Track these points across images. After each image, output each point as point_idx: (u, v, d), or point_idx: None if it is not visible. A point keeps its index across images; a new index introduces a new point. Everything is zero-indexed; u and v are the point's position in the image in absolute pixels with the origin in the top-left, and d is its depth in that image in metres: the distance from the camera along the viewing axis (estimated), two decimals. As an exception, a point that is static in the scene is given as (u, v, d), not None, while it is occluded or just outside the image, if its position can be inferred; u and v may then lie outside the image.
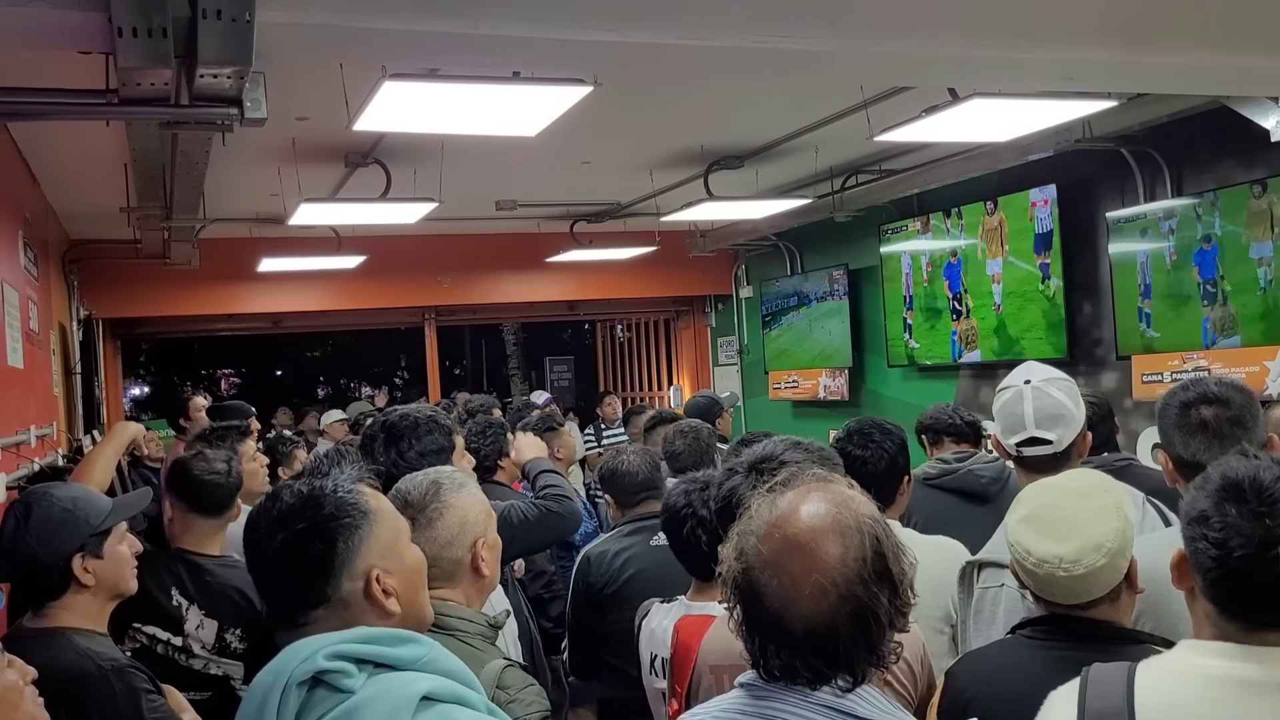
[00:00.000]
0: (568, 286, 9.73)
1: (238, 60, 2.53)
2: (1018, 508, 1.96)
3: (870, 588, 1.42)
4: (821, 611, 1.41)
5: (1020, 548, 1.89)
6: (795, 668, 1.43)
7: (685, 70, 3.65)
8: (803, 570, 1.43)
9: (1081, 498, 1.90)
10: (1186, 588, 1.55)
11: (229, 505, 3.10)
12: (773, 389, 9.35)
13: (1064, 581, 1.84)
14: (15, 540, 2.31)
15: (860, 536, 1.45)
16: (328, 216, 6.69)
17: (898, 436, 2.96)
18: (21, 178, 5.47)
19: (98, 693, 2.18)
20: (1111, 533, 1.83)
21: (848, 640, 1.41)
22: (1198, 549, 1.48)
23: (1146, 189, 5.77)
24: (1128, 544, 1.86)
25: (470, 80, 3.42)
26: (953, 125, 4.58)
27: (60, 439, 5.67)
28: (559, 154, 6.04)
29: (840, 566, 1.42)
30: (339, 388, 24.44)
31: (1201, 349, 5.39)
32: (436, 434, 2.73)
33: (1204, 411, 2.27)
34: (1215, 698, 1.45)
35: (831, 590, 1.41)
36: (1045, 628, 1.93)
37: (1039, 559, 1.85)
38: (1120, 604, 1.90)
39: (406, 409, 2.86)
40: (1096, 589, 1.85)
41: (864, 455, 2.85)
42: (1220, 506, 1.46)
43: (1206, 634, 1.51)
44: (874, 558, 1.44)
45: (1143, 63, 3.65)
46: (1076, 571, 1.82)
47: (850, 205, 7.23)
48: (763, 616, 1.45)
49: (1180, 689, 1.49)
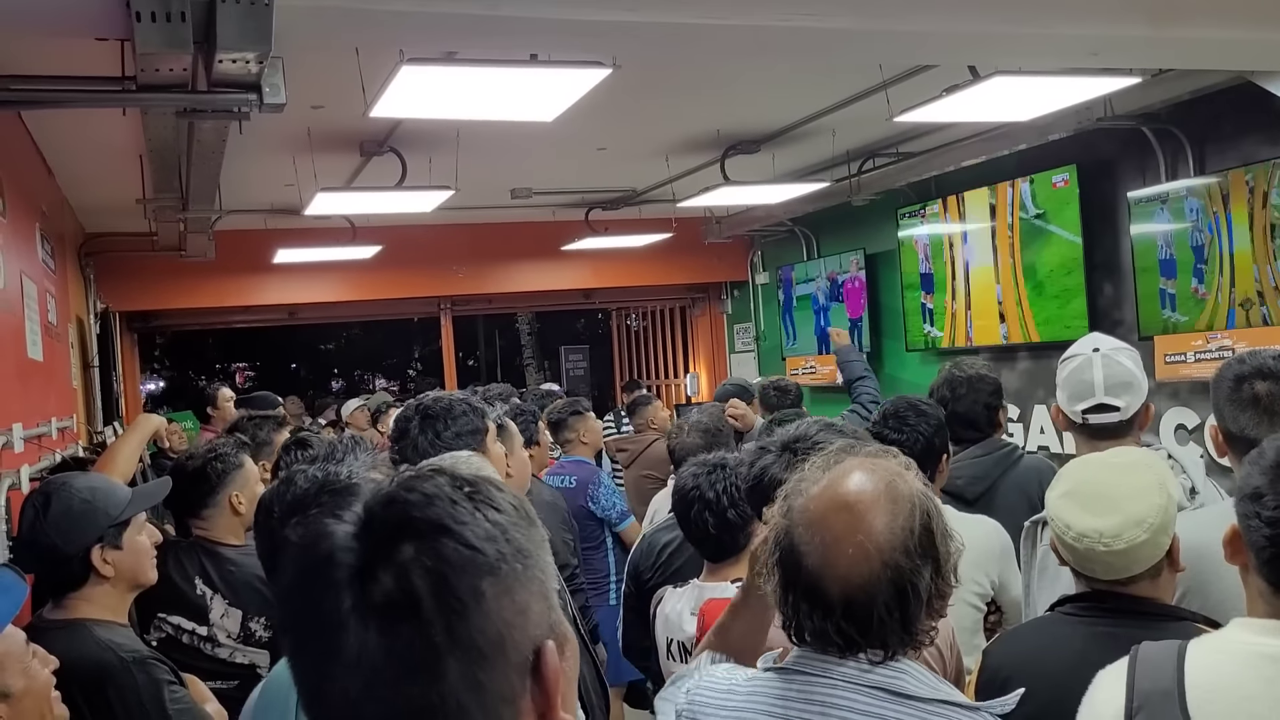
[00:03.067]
0: (583, 275, 9.71)
1: (257, 44, 2.51)
2: (1059, 483, 1.93)
3: (914, 560, 1.40)
4: (861, 575, 1.39)
5: (1061, 522, 1.87)
6: (826, 632, 1.41)
7: (704, 50, 3.62)
8: (847, 530, 1.40)
9: (1124, 473, 1.87)
10: (1240, 564, 1.52)
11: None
12: (790, 374, 9.31)
13: (1104, 557, 1.82)
14: (34, 531, 2.30)
15: (911, 508, 1.43)
16: (343, 206, 6.68)
17: (933, 417, 2.95)
18: (38, 171, 5.47)
19: (119, 684, 2.18)
20: (1154, 509, 1.80)
21: (883, 610, 1.39)
22: (1251, 527, 1.46)
23: (1168, 168, 5.70)
24: (1170, 521, 1.83)
25: (488, 64, 3.39)
26: (974, 105, 4.53)
27: (81, 431, 5.68)
28: (575, 140, 6.02)
29: (886, 533, 1.40)
30: (353, 380, 24.52)
31: (1226, 329, 5.33)
32: (471, 415, 2.73)
33: (1258, 386, 2.24)
34: (1269, 676, 1.43)
35: (875, 555, 1.39)
36: (1085, 604, 1.91)
37: (1079, 533, 1.83)
38: (1161, 581, 1.87)
39: (439, 393, 2.87)
40: (1137, 565, 1.82)
41: (899, 439, 2.83)
42: (1275, 484, 1.43)
43: (1260, 611, 1.49)
44: (922, 532, 1.42)
45: (1168, 37, 3.60)
46: (1117, 547, 1.80)
47: (867, 189, 7.18)
48: (800, 576, 1.43)
49: (1232, 668, 1.47)
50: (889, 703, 1.38)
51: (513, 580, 0.82)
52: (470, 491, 0.84)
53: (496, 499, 0.85)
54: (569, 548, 4.17)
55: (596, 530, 4.83)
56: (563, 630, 0.87)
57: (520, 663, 0.82)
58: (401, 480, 0.85)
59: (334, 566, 0.80)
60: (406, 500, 0.82)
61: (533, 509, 0.89)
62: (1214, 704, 1.44)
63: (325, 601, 0.79)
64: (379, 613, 0.78)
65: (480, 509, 0.83)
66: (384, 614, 0.78)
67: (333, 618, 0.79)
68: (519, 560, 0.83)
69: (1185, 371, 5.47)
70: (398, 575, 0.78)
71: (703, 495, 2.64)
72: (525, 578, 0.83)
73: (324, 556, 0.81)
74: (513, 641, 0.81)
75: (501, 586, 0.81)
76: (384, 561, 0.79)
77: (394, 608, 0.78)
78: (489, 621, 0.80)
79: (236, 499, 3.11)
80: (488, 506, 0.83)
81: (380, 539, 0.80)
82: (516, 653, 0.82)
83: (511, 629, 0.81)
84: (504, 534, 0.83)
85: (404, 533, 0.80)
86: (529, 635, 0.83)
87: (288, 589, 0.85)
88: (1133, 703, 1.50)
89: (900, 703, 1.38)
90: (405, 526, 0.80)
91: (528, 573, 0.83)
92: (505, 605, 0.81)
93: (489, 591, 0.80)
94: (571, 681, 0.88)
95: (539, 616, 0.84)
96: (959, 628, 2.42)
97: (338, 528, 0.82)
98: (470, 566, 0.80)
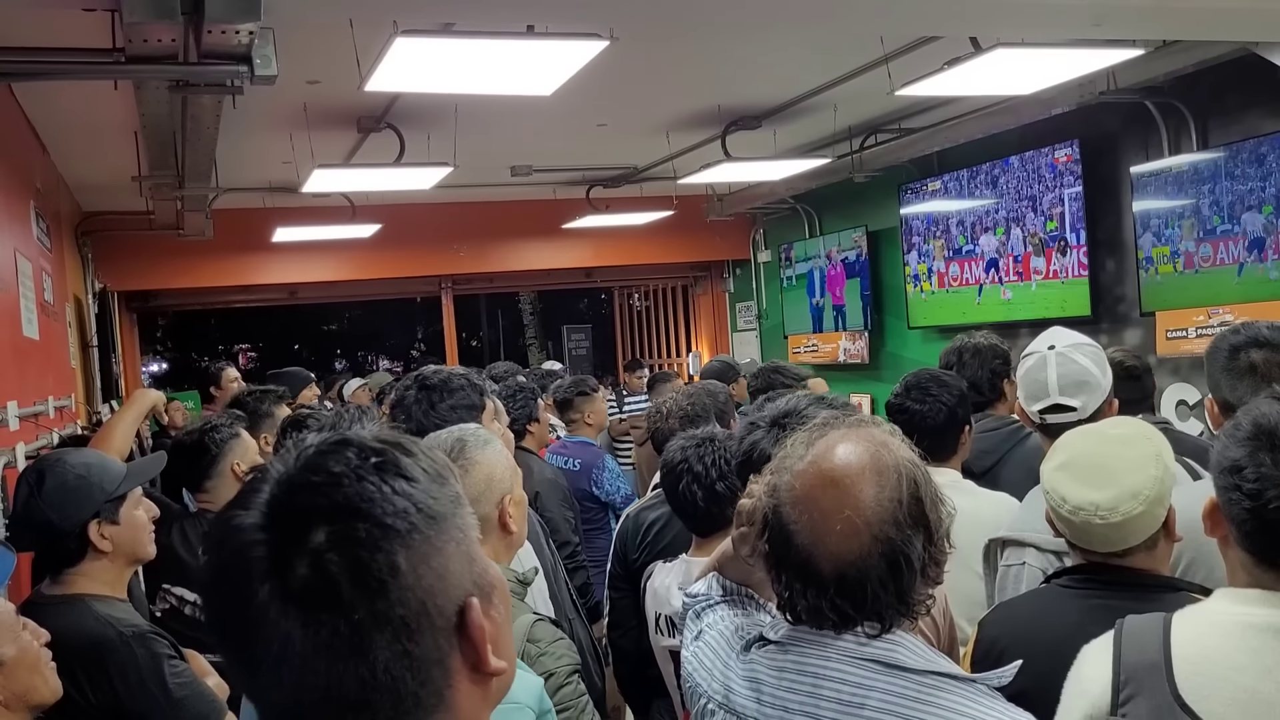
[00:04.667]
0: (584, 253, 9.68)
1: (247, 15, 2.48)
2: (1054, 455, 1.91)
3: (904, 530, 1.37)
4: (852, 551, 1.36)
5: (1056, 495, 1.84)
6: (821, 609, 1.39)
7: (702, 20, 3.58)
8: (834, 506, 1.37)
9: (1121, 445, 1.85)
10: (1219, 536, 1.50)
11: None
12: (792, 353, 9.28)
13: (1100, 529, 1.80)
14: (29, 508, 2.29)
15: (898, 477, 1.39)
16: (341, 183, 6.64)
17: (955, 388, 2.92)
18: (32, 148, 5.43)
19: (118, 659, 2.17)
20: (1149, 480, 1.78)
21: (877, 584, 1.36)
22: (1231, 499, 1.44)
23: (1171, 142, 5.66)
24: (1166, 492, 1.81)
25: (484, 35, 3.36)
26: (976, 78, 4.49)
27: (79, 411, 5.67)
28: (574, 116, 5.98)
29: (875, 506, 1.37)
30: (356, 360, 24.53)
31: (1227, 304, 5.29)
32: (469, 391, 2.72)
33: (1254, 355, 2.22)
34: (1254, 647, 1.41)
35: (864, 530, 1.36)
36: (1081, 576, 1.88)
37: (1075, 506, 1.81)
38: (1157, 552, 1.85)
39: (439, 368, 2.86)
40: (1133, 537, 1.80)
41: (922, 410, 2.84)
42: (1254, 456, 1.41)
43: (1241, 581, 1.48)
44: (910, 501, 1.38)
45: (1171, 7, 3.57)
46: (1113, 519, 1.78)
47: (869, 165, 7.14)
48: (791, 555, 1.40)
49: (1219, 639, 1.45)
50: (881, 674, 1.36)
51: (427, 548, 0.81)
52: (378, 463, 0.82)
53: (405, 465, 0.83)
54: (570, 525, 4.15)
55: (599, 513, 4.80)
56: (488, 579, 0.87)
57: (445, 624, 0.82)
58: (306, 460, 0.83)
59: (247, 560, 0.79)
60: (312, 484, 0.81)
61: (445, 464, 0.88)
62: (1202, 675, 1.43)
63: (243, 595, 0.79)
64: (298, 603, 0.77)
65: (388, 480, 0.81)
66: (303, 603, 0.77)
67: (252, 611, 0.78)
68: (432, 527, 0.82)
69: (1186, 347, 5.44)
70: (312, 563, 0.77)
71: (691, 468, 2.63)
72: (440, 542, 0.82)
73: (235, 550, 0.80)
74: (435, 606, 0.81)
75: (418, 556, 0.80)
76: (296, 550, 0.78)
77: (313, 596, 0.77)
78: (409, 593, 0.80)
79: (238, 467, 3.13)
80: (396, 476, 0.82)
81: (289, 527, 0.79)
82: (441, 616, 0.82)
83: (433, 595, 0.81)
84: (414, 504, 0.81)
85: (313, 518, 0.79)
86: (451, 597, 0.82)
87: (205, 586, 0.84)
88: (1119, 676, 1.48)
89: (894, 674, 1.36)
90: (313, 512, 0.79)
91: (442, 536, 0.83)
92: (424, 574, 0.81)
93: (404, 565, 0.79)
94: (504, 626, 0.88)
95: (459, 576, 0.83)
96: (965, 599, 2.40)
97: (245, 519, 0.80)
98: (384, 543, 0.79)
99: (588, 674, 2.48)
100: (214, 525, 0.84)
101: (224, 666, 2.53)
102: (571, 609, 2.91)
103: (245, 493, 0.83)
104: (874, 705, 1.34)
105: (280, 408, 4.13)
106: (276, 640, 0.78)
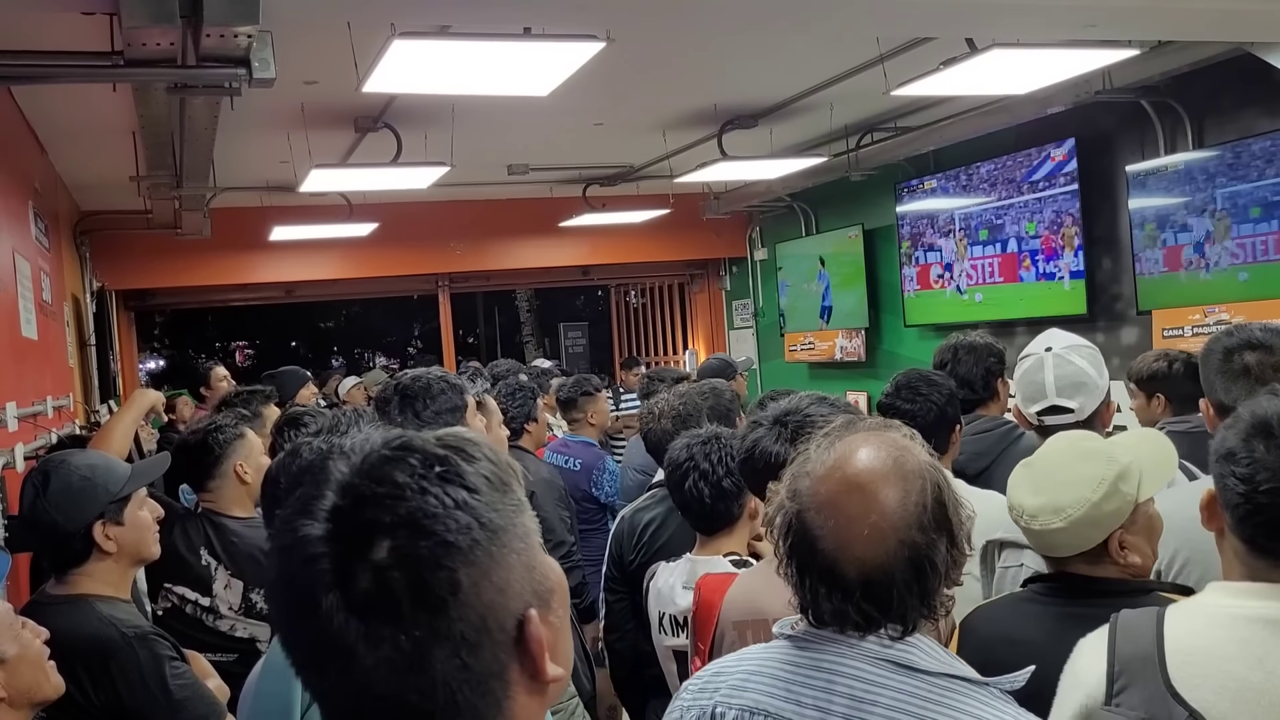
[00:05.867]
0: (581, 251, 9.69)
1: (245, 18, 2.49)
2: (1034, 454, 1.95)
3: (929, 535, 1.39)
4: (878, 555, 1.38)
5: (1011, 492, 1.90)
6: (846, 613, 1.40)
7: (698, 21, 3.59)
8: (860, 512, 1.39)
9: (1079, 459, 1.86)
10: (1216, 528, 1.55)
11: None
12: (789, 351, 9.30)
13: (1035, 533, 1.86)
14: (35, 510, 2.31)
15: (921, 482, 1.41)
16: (339, 182, 6.65)
17: (945, 387, 2.91)
18: (30, 147, 5.44)
19: (121, 659, 2.19)
20: (1077, 501, 1.80)
21: (902, 587, 1.38)
22: (1226, 485, 1.49)
23: (1167, 141, 5.67)
24: (1103, 516, 1.81)
25: (481, 37, 3.37)
26: (971, 78, 4.50)
27: (77, 410, 5.68)
28: (571, 116, 5.98)
29: (900, 511, 1.39)
30: (353, 358, 24.52)
31: (1223, 303, 5.31)
32: (450, 394, 2.71)
33: (1247, 357, 2.24)
34: (1244, 638, 1.46)
35: (890, 534, 1.38)
36: (1045, 584, 1.93)
37: (1013, 504, 1.88)
38: (1104, 566, 1.85)
39: (416, 372, 2.85)
40: (1062, 549, 1.85)
41: (912, 409, 2.81)
42: (1248, 443, 1.47)
43: (1236, 574, 1.52)
44: (934, 505, 1.41)
45: (1166, 8, 3.58)
46: (1035, 527, 1.84)
47: (866, 164, 7.14)
48: (815, 559, 1.41)
49: (1210, 631, 1.49)
50: (896, 674, 1.37)
51: (489, 563, 0.81)
52: (441, 472, 0.82)
53: (467, 475, 0.83)
54: (565, 525, 4.13)
55: (598, 513, 4.80)
56: (547, 585, 0.87)
57: (505, 638, 0.82)
58: (370, 465, 0.83)
59: (312, 571, 0.80)
60: (376, 496, 0.81)
61: (507, 466, 0.88)
62: (1194, 666, 1.46)
63: (308, 604, 0.80)
64: (360, 615, 0.78)
65: (450, 491, 0.82)
66: (365, 616, 0.78)
67: (318, 620, 0.79)
68: (494, 541, 0.82)
69: (1183, 345, 5.44)
70: (375, 577, 0.78)
71: (698, 465, 2.63)
72: (501, 556, 0.82)
73: (302, 560, 0.81)
74: (495, 621, 0.82)
75: (479, 572, 0.81)
76: (360, 564, 0.79)
77: (374, 610, 0.78)
78: (469, 610, 0.80)
79: (241, 468, 3.14)
80: (459, 486, 0.82)
81: (353, 540, 0.80)
82: (501, 630, 0.82)
83: (493, 610, 0.81)
84: (476, 518, 0.81)
85: (376, 531, 0.79)
86: (510, 611, 0.83)
87: (271, 591, 0.86)
88: (1114, 668, 1.52)
89: (908, 674, 1.37)
90: (377, 525, 0.80)
91: (503, 550, 0.83)
92: (484, 589, 0.81)
93: (465, 581, 0.80)
94: (561, 629, 0.88)
95: (519, 588, 0.84)
96: (962, 598, 2.41)
97: (310, 529, 0.81)
98: (445, 561, 0.79)
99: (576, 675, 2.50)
100: (280, 531, 0.84)
101: (227, 668, 2.56)
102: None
103: (310, 497, 0.83)
104: (885, 703, 1.36)
105: (268, 408, 4.12)
106: (340, 649, 0.79)
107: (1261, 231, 5.12)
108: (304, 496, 0.84)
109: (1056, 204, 6.35)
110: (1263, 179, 5.09)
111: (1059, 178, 6.31)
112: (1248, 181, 5.17)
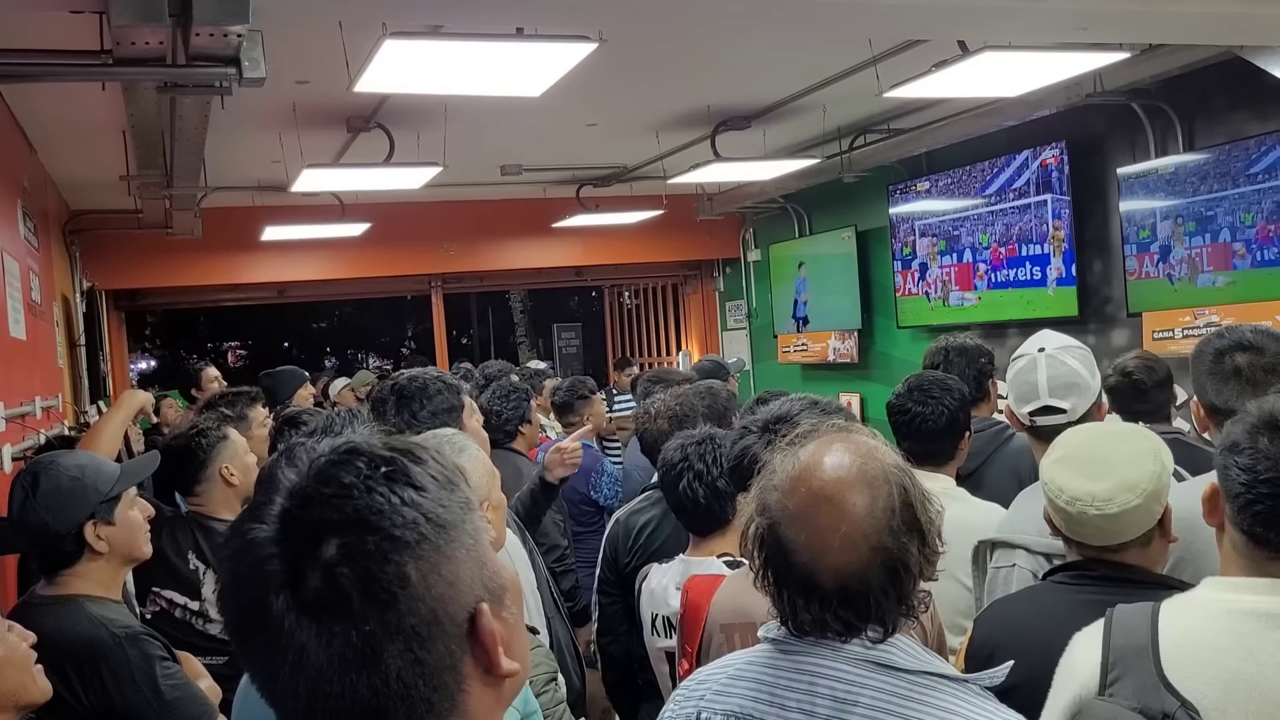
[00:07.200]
0: (574, 252, 9.68)
1: (235, 18, 2.48)
2: (1054, 450, 1.94)
3: (900, 538, 1.40)
4: (852, 564, 1.39)
5: (1054, 486, 1.87)
6: (826, 621, 1.41)
7: (691, 22, 3.59)
8: (831, 523, 1.40)
9: (1119, 440, 1.89)
10: (1216, 522, 1.57)
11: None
12: (782, 352, 9.31)
13: (1096, 521, 1.82)
14: (25, 511, 2.29)
15: (888, 486, 1.42)
16: (331, 182, 6.63)
17: (958, 392, 2.90)
18: (18, 146, 5.42)
19: (111, 660, 2.18)
20: (1147, 475, 1.81)
21: (879, 592, 1.39)
22: (1229, 475, 1.51)
23: (1158, 143, 5.69)
24: (1164, 489, 1.83)
25: (473, 38, 3.36)
26: (963, 80, 4.51)
27: (66, 411, 5.66)
28: (564, 116, 5.98)
29: (869, 518, 1.40)
30: (346, 359, 24.47)
31: (1214, 304, 5.32)
32: (446, 394, 2.72)
33: (1238, 358, 2.25)
34: (1237, 630, 1.48)
35: (862, 542, 1.39)
36: (1074, 572, 1.91)
37: (1072, 496, 1.83)
38: (1151, 550, 1.87)
39: (413, 372, 2.84)
40: (1128, 531, 1.83)
41: (924, 412, 2.80)
42: (1253, 436, 1.49)
43: (1233, 569, 1.54)
44: (902, 507, 1.42)
45: (1157, 11, 3.59)
46: (1109, 510, 1.80)
47: (858, 165, 7.15)
48: (791, 571, 1.43)
49: (1204, 623, 1.51)
50: (876, 674, 1.39)
51: (437, 557, 0.82)
52: (388, 472, 0.84)
53: (414, 475, 0.84)
54: (559, 528, 4.12)
55: (594, 516, 4.78)
56: (499, 582, 0.88)
57: (457, 631, 0.83)
58: (318, 470, 0.84)
59: (262, 573, 0.81)
60: (323, 496, 0.82)
61: (455, 468, 0.89)
62: (1187, 657, 1.48)
63: (259, 607, 0.81)
64: (311, 614, 0.79)
65: (397, 489, 0.83)
66: (316, 614, 0.79)
67: (268, 621, 0.80)
68: (442, 536, 0.83)
69: (1173, 347, 5.46)
70: (324, 575, 0.79)
71: (692, 466, 2.64)
72: (450, 550, 0.83)
73: (251, 562, 0.82)
74: (446, 614, 0.83)
75: (427, 566, 0.82)
76: (309, 563, 0.80)
77: (325, 608, 0.79)
78: (419, 603, 0.81)
79: (228, 470, 3.12)
80: (406, 485, 0.83)
81: (302, 540, 0.81)
82: (452, 623, 0.83)
83: (444, 603, 0.82)
84: (424, 513, 0.83)
85: (324, 531, 0.80)
86: (461, 604, 0.84)
87: (223, 596, 0.86)
88: (1108, 659, 1.53)
89: (887, 673, 1.39)
90: (324, 525, 0.81)
91: (452, 545, 0.84)
92: (434, 583, 0.82)
93: (414, 575, 0.81)
94: (515, 626, 0.89)
95: (470, 582, 0.85)
96: (949, 606, 2.41)
97: (260, 532, 0.82)
98: (393, 555, 0.80)
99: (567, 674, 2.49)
100: (230, 536, 0.85)
101: (218, 670, 2.54)
102: (552, 606, 2.91)
103: (259, 504, 0.84)
104: (866, 702, 1.37)
105: (254, 409, 4.08)
106: (292, 650, 0.80)
107: (1251, 234, 5.14)
108: (254, 504, 0.85)
109: (1047, 206, 6.37)
110: (1253, 182, 5.10)
111: (1050, 180, 6.32)
112: (1238, 184, 5.18)
